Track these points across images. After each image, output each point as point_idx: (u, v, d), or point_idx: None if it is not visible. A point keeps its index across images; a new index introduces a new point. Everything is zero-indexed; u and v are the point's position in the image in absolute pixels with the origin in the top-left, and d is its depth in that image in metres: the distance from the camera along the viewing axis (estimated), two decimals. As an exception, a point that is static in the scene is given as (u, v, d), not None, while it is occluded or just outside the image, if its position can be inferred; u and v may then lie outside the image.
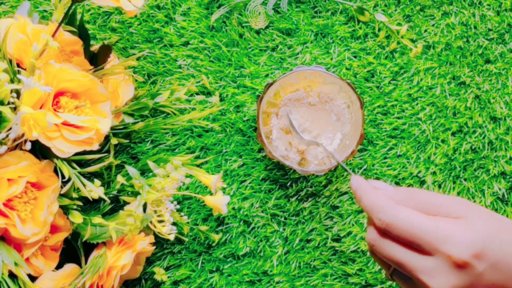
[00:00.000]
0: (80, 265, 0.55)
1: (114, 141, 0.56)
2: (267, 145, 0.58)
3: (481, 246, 0.37)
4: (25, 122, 0.45)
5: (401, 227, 0.39)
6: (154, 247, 0.59)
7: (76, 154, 0.51)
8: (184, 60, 0.64)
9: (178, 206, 0.61)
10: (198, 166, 0.62)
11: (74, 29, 0.56)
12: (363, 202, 0.43)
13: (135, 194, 0.56)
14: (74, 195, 0.52)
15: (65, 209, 0.53)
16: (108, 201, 0.55)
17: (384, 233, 0.41)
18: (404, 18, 0.65)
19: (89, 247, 0.55)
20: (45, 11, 0.64)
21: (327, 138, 0.60)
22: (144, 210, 0.54)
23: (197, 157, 0.63)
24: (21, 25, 0.52)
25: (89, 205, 0.57)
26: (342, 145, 0.60)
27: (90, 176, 0.57)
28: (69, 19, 0.56)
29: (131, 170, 0.55)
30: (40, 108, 0.49)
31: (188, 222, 0.62)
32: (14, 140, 0.48)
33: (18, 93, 0.48)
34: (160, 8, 0.65)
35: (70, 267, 0.54)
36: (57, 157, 0.51)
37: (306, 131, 0.60)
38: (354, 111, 0.59)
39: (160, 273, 0.61)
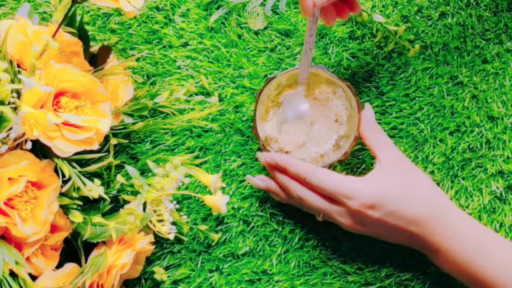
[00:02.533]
0: (80, 264, 0.55)
1: (113, 141, 0.57)
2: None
3: (373, 201, 0.54)
4: (26, 122, 0.45)
5: (322, 184, 0.55)
6: (154, 246, 0.59)
7: (76, 153, 0.51)
8: (183, 61, 0.65)
9: (177, 206, 0.61)
10: (197, 166, 0.62)
11: (74, 31, 0.56)
12: (292, 170, 0.57)
13: (135, 193, 0.57)
14: (74, 194, 0.53)
15: (65, 209, 0.53)
16: (108, 200, 0.55)
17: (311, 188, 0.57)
18: (401, 19, 0.66)
19: (89, 247, 0.55)
20: (45, 12, 0.64)
21: (323, 137, 0.60)
22: (144, 209, 0.54)
23: (196, 157, 0.64)
24: (21, 26, 0.52)
25: (89, 205, 0.58)
26: (337, 146, 0.60)
27: (90, 176, 0.57)
28: (69, 20, 0.57)
29: (130, 169, 0.55)
30: (41, 108, 0.49)
31: (187, 222, 0.62)
32: (15, 140, 0.48)
33: (18, 93, 0.48)
34: (159, 9, 0.65)
35: (70, 267, 0.54)
36: (58, 157, 0.51)
37: (304, 129, 0.61)
38: (352, 113, 0.60)
39: (159, 273, 0.61)
